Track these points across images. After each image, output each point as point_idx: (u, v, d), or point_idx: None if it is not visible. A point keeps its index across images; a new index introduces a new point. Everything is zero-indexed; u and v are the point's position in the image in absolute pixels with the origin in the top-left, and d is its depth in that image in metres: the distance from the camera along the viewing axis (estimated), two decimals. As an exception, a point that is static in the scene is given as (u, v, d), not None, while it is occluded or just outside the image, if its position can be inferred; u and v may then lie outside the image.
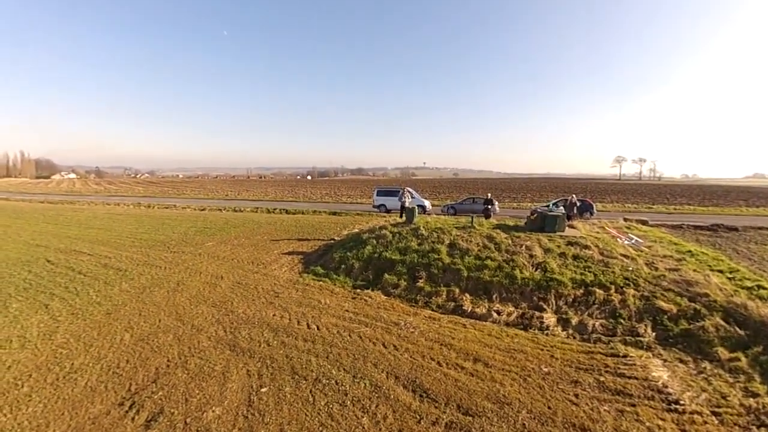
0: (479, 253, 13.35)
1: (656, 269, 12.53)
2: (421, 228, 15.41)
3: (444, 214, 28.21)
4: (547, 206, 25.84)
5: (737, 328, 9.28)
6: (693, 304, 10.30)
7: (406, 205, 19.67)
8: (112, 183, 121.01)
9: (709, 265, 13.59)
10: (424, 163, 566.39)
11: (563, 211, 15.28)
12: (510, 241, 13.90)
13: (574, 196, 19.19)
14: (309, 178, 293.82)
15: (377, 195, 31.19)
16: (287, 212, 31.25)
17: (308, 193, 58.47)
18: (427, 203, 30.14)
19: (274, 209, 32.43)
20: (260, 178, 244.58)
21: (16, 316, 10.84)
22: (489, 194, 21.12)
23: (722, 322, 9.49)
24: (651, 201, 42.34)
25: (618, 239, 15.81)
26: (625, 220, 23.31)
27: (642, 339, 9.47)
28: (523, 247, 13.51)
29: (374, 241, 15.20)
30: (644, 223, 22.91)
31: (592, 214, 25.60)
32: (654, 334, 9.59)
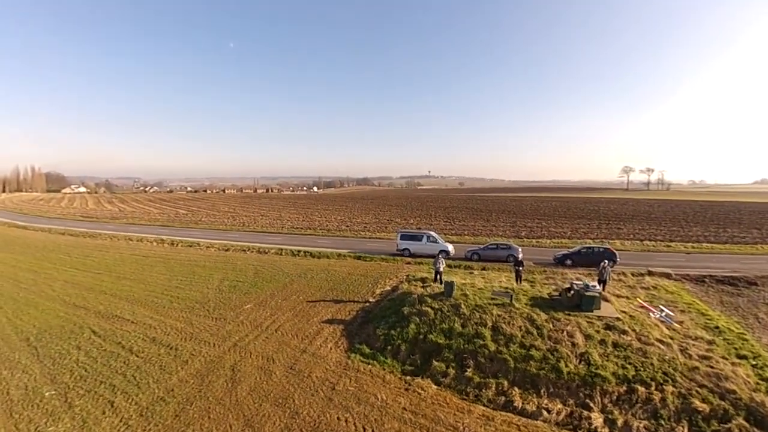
0: (523, 339, 13.91)
1: (690, 356, 13.22)
2: (462, 306, 15.95)
3: (467, 260, 28.95)
4: (575, 250, 26.34)
5: (756, 429, 10.20)
6: (723, 402, 11.13)
7: (441, 270, 20.17)
8: (124, 201, 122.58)
9: (735, 348, 14.27)
10: (429, 171, 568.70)
11: (599, 290, 15.82)
12: (551, 326, 14.44)
13: (606, 261, 19.71)
14: (315, 188, 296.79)
15: (401, 239, 31.88)
16: (311, 255, 31.87)
17: (323, 220, 59.13)
18: (450, 247, 30.81)
19: (298, 252, 33.00)
20: (267, 191, 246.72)
21: (84, 419, 11.24)
22: (520, 255, 21.68)
23: (744, 423, 10.39)
24: (667, 233, 42.59)
25: (650, 313, 16.34)
26: (650, 273, 23.86)
27: (680, 443, 10.17)
28: (565, 333, 14.05)
29: (417, 319, 15.76)
30: (668, 276, 23.47)
31: (615, 262, 26.21)
32: (690, 436, 10.38)
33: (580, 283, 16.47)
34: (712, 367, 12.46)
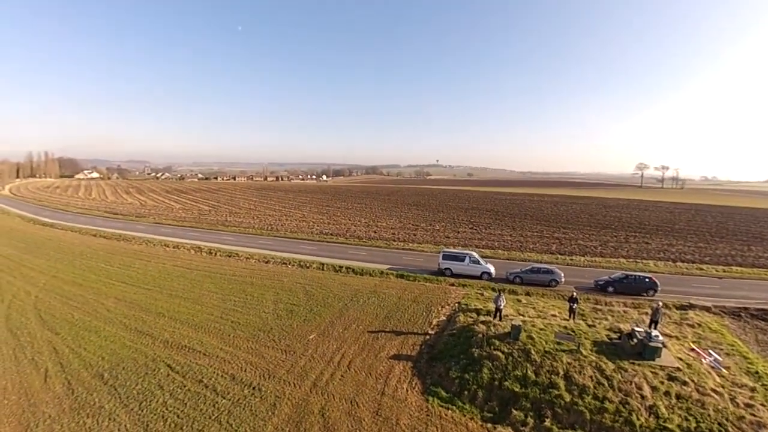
0: (595, 390, 14.98)
1: (737, 405, 14.54)
2: (532, 351, 16.96)
3: (510, 282, 30.01)
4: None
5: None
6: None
7: (501, 307, 20.66)
8: (141, 191, 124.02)
9: (772, 395, 15.52)
10: (437, 160, 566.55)
11: (661, 340, 16.74)
12: (620, 376, 15.51)
13: (660, 302, 20.61)
14: (324, 177, 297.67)
15: (443, 258, 32.77)
16: (354, 272, 32.96)
17: (348, 223, 59.96)
18: (492, 269, 31.76)
19: (340, 268, 34.03)
20: (277, 179, 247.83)
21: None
22: (574, 292, 22.57)
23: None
24: (695, 250, 43.27)
25: (701, 359, 17.37)
26: (691, 306, 24.94)
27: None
28: (633, 384, 15.13)
29: (489, 363, 16.81)
30: (708, 309, 24.68)
31: (656, 291, 27.21)
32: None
33: (641, 330, 17.38)
34: (754, 415, 13.96)
